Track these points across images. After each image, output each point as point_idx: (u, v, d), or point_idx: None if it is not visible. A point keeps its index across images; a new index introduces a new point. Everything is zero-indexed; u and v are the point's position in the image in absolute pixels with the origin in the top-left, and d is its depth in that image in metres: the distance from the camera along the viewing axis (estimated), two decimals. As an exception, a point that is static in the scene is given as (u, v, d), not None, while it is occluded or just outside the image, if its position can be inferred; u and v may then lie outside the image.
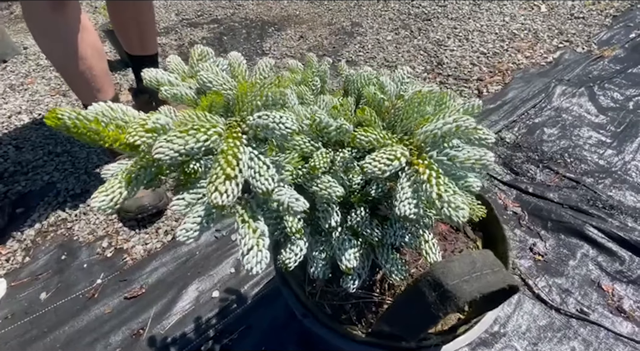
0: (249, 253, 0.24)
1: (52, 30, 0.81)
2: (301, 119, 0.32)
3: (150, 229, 1.02)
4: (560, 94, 1.38)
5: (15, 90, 1.72)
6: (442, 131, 0.27)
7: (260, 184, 0.25)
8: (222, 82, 0.32)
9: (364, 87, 0.41)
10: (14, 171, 1.26)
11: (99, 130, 0.26)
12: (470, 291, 0.31)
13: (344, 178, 0.33)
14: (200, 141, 0.24)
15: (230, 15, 2.42)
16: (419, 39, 1.88)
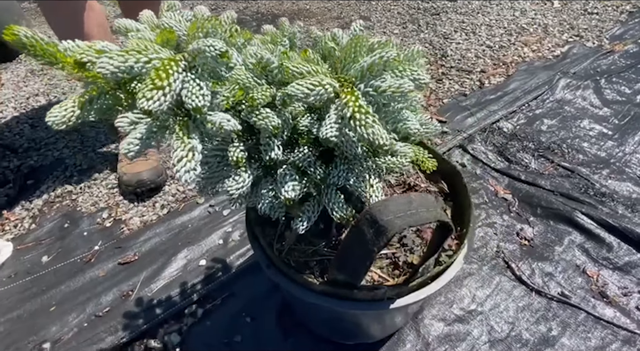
0: (179, 163, 0.27)
1: (61, 8, 0.87)
2: (248, 57, 0.34)
3: (148, 203, 1.06)
4: (564, 86, 1.35)
5: (35, 75, 1.82)
6: (368, 63, 0.29)
7: (191, 100, 0.27)
8: (181, 27, 0.35)
9: (326, 44, 0.43)
10: (27, 147, 1.33)
11: (54, 52, 0.29)
12: (401, 224, 0.32)
13: (287, 117, 0.35)
14: (140, 61, 0.27)
15: (242, 9, 2.47)
16: (425, 32, 1.88)
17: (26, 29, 0.28)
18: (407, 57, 0.37)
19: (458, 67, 1.54)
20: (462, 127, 1.21)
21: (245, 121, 0.34)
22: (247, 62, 0.35)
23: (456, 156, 1.12)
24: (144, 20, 0.40)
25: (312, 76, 0.31)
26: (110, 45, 0.29)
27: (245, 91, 0.34)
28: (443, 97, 1.38)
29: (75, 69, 0.29)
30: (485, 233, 0.90)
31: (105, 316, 0.79)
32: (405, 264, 0.52)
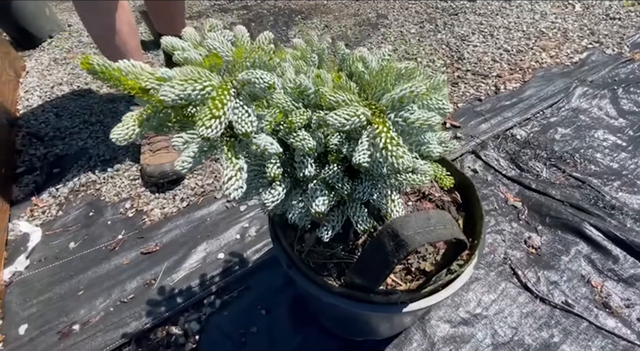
0: (229, 181, 0.30)
1: (94, 7, 0.90)
2: (287, 82, 0.37)
3: (168, 195, 1.11)
4: (580, 94, 1.36)
5: (59, 63, 1.87)
6: (399, 96, 0.32)
7: (241, 126, 0.30)
8: (225, 49, 0.38)
9: (354, 63, 0.46)
10: (53, 135, 1.38)
11: (120, 77, 0.32)
12: (420, 240, 0.35)
13: (320, 137, 0.38)
14: (196, 89, 0.30)
15: (260, 2, 2.48)
16: (443, 33, 1.87)
17: (98, 58, 0.32)
18: (432, 86, 0.40)
19: (474, 71, 1.54)
20: (475, 133, 1.22)
21: (282, 139, 0.37)
22: (286, 86, 0.38)
23: (468, 161, 1.14)
24: (187, 37, 0.43)
25: (347, 105, 0.34)
26: (168, 72, 0.32)
27: (284, 114, 0.37)
28: (458, 101, 1.39)
29: (139, 94, 0.32)
30: (493, 240, 0.93)
31: (129, 302, 0.84)
32: (417, 271, 0.56)
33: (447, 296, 0.50)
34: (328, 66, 0.52)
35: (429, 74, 0.42)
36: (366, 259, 0.42)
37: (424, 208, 0.62)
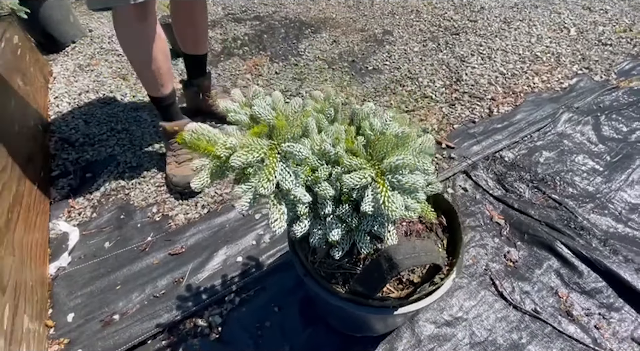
0: (275, 222, 0.43)
1: (135, 36, 1.03)
2: (314, 144, 0.50)
3: (191, 202, 1.24)
4: (566, 120, 1.48)
5: (83, 70, 2.00)
6: (395, 164, 0.44)
7: (285, 184, 0.43)
8: (267, 116, 0.51)
9: (363, 120, 0.59)
10: (83, 141, 1.52)
11: (202, 146, 0.45)
12: (407, 264, 0.48)
13: (337, 185, 0.51)
14: (254, 157, 0.42)
15: (271, 13, 2.60)
16: (444, 52, 2.00)
17: (192, 134, 0.45)
18: (421, 148, 0.52)
19: (470, 93, 1.67)
20: (468, 154, 1.35)
21: (308, 187, 0.50)
22: (314, 147, 0.50)
23: (460, 180, 1.27)
24: (236, 99, 0.56)
25: (359, 169, 0.47)
26: (233, 141, 0.45)
27: (312, 169, 0.50)
28: (454, 122, 1.52)
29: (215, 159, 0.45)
30: (477, 253, 1.06)
31: (161, 297, 0.98)
32: (407, 281, 0.69)
33: (430, 303, 0.64)
34: (342, 118, 0.64)
35: (420, 133, 0.55)
36: (367, 274, 0.55)
37: (415, 229, 0.76)
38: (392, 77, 1.83)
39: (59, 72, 1.98)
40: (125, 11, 0.97)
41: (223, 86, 1.81)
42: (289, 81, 1.84)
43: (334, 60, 2.00)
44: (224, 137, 0.45)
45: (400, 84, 1.77)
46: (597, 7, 2.35)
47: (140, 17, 0.99)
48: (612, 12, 2.29)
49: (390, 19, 2.39)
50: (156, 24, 1.05)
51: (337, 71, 1.91)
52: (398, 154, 0.46)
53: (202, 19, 1.33)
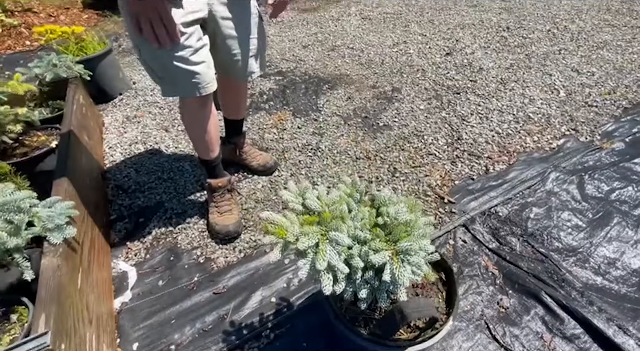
0: (324, 286, 0.64)
1: (196, 118, 1.30)
2: (350, 229, 0.72)
3: (229, 247, 1.46)
4: (553, 179, 1.70)
5: (131, 121, 2.30)
6: (405, 248, 0.66)
7: (333, 262, 0.65)
8: (316, 206, 0.73)
9: (382, 206, 0.81)
10: (135, 188, 1.77)
11: (278, 233, 0.67)
12: (414, 316, 0.69)
13: (365, 259, 0.72)
14: (312, 243, 0.64)
15: (292, 68, 2.92)
16: (446, 111, 2.26)
17: (270, 227, 0.67)
18: (423, 233, 0.74)
19: (470, 151, 1.90)
20: (467, 208, 1.57)
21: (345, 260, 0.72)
22: (349, 232, 0.72)
23: (460, 233, 1.48)
24: (291, 190, 0.79)
25: (381, 250, 0.69)
26: (297, 230, 0.67)
27: (348, 248, 0.71)
28: (455, 178, 1.74)
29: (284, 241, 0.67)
30: (474, 299, 1.25)
31: (209, 331, 1.17)
32: (414, 326, 0.89)
33: (433, 344, 0.83)
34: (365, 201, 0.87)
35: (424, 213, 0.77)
36: (384, 322, 0.76)
37: (421, 283, 0.96)
38: (400, 133, 2.08)
39: (110, 123, 2.28)
40: (190, 99, 1.24)
41: (252, 139, 2.08)
42: (309, 135, 2.11)
43: (349, 116, 2.28)
44: (291, 226, 0.68)
45: (407, 140, 2.02)
46: (585, 69, 2.62)
47: (202, 104, 1.27)
48: (598, 74, 2.55)
49: (398, 77, 2.69)
50: (212, 105, 1.32)
51: (352, 127, 2.17)
52: (407, 240, 0.68)
53: (244, 93, 1.61)
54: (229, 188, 1.53)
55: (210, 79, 1.20)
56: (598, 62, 2.70)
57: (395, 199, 0.84)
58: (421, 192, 1.67)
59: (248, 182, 1.77)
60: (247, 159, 1.78)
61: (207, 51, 1.19)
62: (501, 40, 3.14)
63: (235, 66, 1.35)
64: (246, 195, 1.69)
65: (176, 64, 1.11)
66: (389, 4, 4.21)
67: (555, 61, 2.75)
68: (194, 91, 1.19)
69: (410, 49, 3.08)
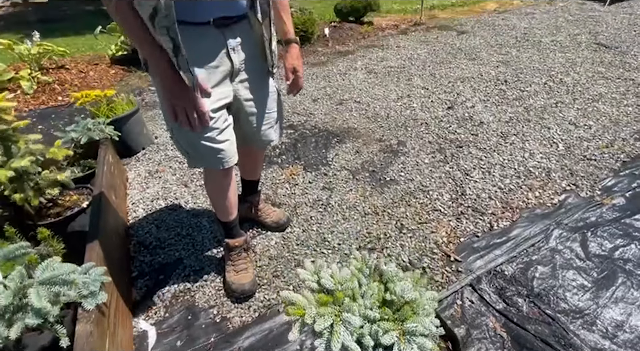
0: (340, 367, 0.72)
1: (218, 186, 1.43)
2: (361, 308, 0.80)
3: (245, 306, 1.52)
4: (557, 236, 1.75)
5: (153, 176, 2.46)
6: (411, 329, 0.73)
7: (346, 343, 0.72)
8: (330, 285, 0.82)
9: (389, 282, 0.90)
10: (155, 245, 1.87)
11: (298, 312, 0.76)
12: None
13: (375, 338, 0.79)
14: (327, 324, 0.72)
15: (303, 122, 3.12)
16: (450, 165, 2.37)
17: (290, 308, 0.76)
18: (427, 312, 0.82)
19: (474, 207, 1.98)
20: (473, 267, 1.62)
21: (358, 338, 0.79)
22: (361, 313, 0.81)
23: (467, 293, 1.52)
24: (308, 268, 0.89)
25: (390, 331, 0.76)
26: (313, 310, 0.76)
27: (360, 327, 0.79)
28: (460, 235, 1.81)
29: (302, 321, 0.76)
30: (483, 364, 1.27)
31: (225, 396, 1.21)
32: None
33: None
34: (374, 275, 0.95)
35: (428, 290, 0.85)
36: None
37: None
38: (406, 188, 2.19)
39: (134, 178, 2.44)
40: (214, 170, 1.38)
41: (266, 194, 2.20)
42: (320, 190, 2.22)
43: (357, 170, 2.40)
44: (309, 307, 0.76)
45: (413, 195, 2.12)
46: (582, 122, 2.75)
47: (224, 174, 1.40)
48: (595, 127, 2.67)
49: (403, 130, 2.84)
50: (233, 174, 1.46)
51: (360, 181, 2.29)
52: (414, 321, 0.76)
53: (261, 158, 1.75)
54: (245, 247, 1.62)
55: (233, 154, 1.34)
56: (594, 115, 2.84)
57: (402, 275, 0.92)
58: (428, 249, 1.74)
59: (262, 238, 1.87)
60: (261, 216, 1.89)
61: (231, 130, 1.34)
62: (500, 93, 3.33)
63: (255, 137, 1.50)
64: (260, 252, 1.78)
65: (204, 143, 1.26)
66: (393, 58, 4.52)
67: (553, 114, 2.89)
68: (218, 165, 1.33)
69: (413, 102, 3.28)
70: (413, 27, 5.86)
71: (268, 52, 1.33)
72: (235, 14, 1.21)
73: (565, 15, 5.79)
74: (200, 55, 1.18)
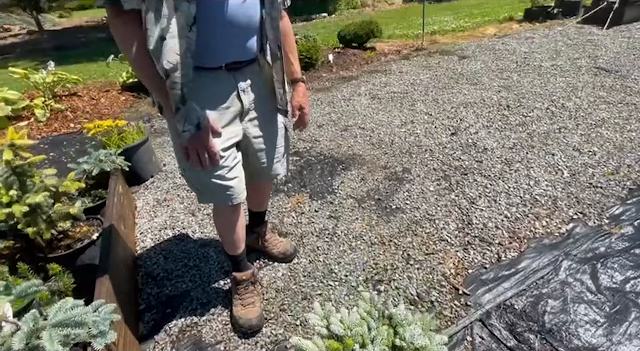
0: None
1: (228, 222, 1.46)
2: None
3: (252, 341, 1.51)
4: (566, 268, 1.74)
5: (161, 205, 2.49)
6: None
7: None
8: (340, 331, 0.82)
9: (398, 326, 0.89)
10: (163, 276, 1.88)
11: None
12: None
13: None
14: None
15: (308, 149, 3.16)
16: (455, 192, 2.38)
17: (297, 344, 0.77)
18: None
19: (481, 237, 1.98)
20: (482, 301, 1.60)
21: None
22: None
23: (477, 328, 1.50)
24: (317, 313, 0.89)
25: None
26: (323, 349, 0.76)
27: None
28: (468, 267, 1.80)
29: None
30: (496, 406, 1.24)
31: None
32: None
33: None
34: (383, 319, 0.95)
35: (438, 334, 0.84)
36: None
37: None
38: (412, 217, 2.19)
39: (142, 207, 2.48)
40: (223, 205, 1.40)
41: (272, 223, 2.22)
42: (326, 219, 2.23)
43: (362, 198, 2.42)
44: None
45: (419, 225, 2.12)
46: (586, 149, 2.76)
47: (233, 210, 1.42)
48: (599, 154, 2.68)
49: (407, 157, 2.87)
50: (241, 210, 1.48)
51: (366, 210, 2.29)
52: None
53: (268, 190, 1.78)
54: (253, 280, 1.63)
55: (242, 190, 1.37)
56: (598, 141, 2.85)
57: (411, 318, 0.92)
58: (436, 282, 1.73)
59: (269, 269, 1.87)
60: (268, 247, 1.90)
61: (240, 166, 1.37)
62: (503, 119, 3.37)
63: (263, 172, 1.53)
64: (267, 284, 1.77)
65: (214, 181, 1.29)
66: (396, 83, 4.62)
67: (557, 140, 2.92)
68: (227, 201, 1.35)
69: (417, 128, 3.33)
70: (415, 52, 6.01)
71: (279, 92, 1.38)
72: (246, 59, 1.27)
73: (564, 39, 5.91)
74: (212, 97, 1.23)
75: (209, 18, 1.08)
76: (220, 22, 1.12)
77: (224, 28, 1.14)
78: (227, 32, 1.15)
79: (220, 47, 1.17)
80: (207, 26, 1.08)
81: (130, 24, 1.03)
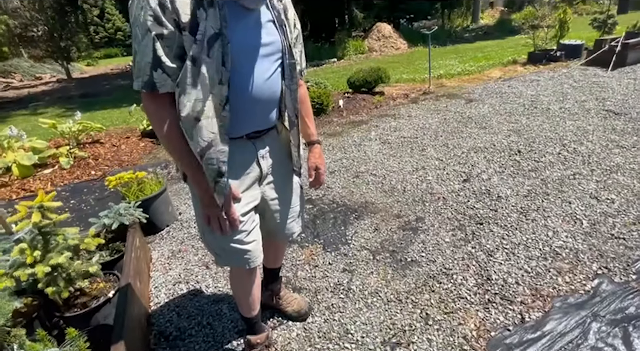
0: None
1: (244, 285, 1.46)
2: None
3: (265, 413, 1.44)
4: (595, 331, 1.65)
5: (176, 256, 2.50)
6: None
7: None
8: None
9: None
10: (176, 335, 1.85)
11: None
12: None
13: None
14: None
15: (321, 196, 3.19)
16: (472, 244, 2.33)
17: None
18: None
19: (501, 294, 1.91)
20: (508, 369, 1.52)
21: None
22: None
23: (505, 402, 1.40)
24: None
25: None
26: None
27: None
28: (490, 328, 1.72)
29: None
30: None
31: None
32: None
33: None
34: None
35: None
36: None
37: None
38: (428, 271, 2.14)
39: (157, 258, 2.49)
40: (240, 269, 1.41)
41: (286, 277, 2.19)
42: (340, 272, 2.20)
43: (377, 249, 2.39)
44: None
45: (437, 280, 2.07)
46: (604, 196, 2.71)
47: (250, 272, 1.43)
48: (618, 202, 2.63)
49: (421, 205, 2.86)
50: (257, 273, 1.48)
51: (381, 262, 2.26)
52: None
53: (283, 248, 1.79)
54: (267, 343, 1.58)
55: (259, 253, 1.38)
56: (615, 188, 2.81)
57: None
58: (457, 345, 1.65)
59: (283, 329, 1.82)
60: (282, 304, 1.87)
61: (258, 229, 1.40)
62: (514, 164, 3.37)
63: (278, 230, 1.55)
64: (281, 347, 1.72)
65: (232, 245, 1.31)
66: (405, 127, 4.72)
67: (572, 187, 2.88)
68: (245, 264, 1.36)
69: (429, 175, 3.35)
70: (422, 96, 6.19)
71: (295, 155, 1.43)
72: (266, 127, 1.34)
73: (569, 81, 6.04)
74: (234, 166, 1.29)
75: (238, 96, 1.15)
76: (248, 99, 1.19)
77: (250, 103, 1.21)
78: (252, 107, 1.23)
79: (245, 119, 1.24)
80: (237, 103, 1.16)
81: (164, 104, 1.11)
